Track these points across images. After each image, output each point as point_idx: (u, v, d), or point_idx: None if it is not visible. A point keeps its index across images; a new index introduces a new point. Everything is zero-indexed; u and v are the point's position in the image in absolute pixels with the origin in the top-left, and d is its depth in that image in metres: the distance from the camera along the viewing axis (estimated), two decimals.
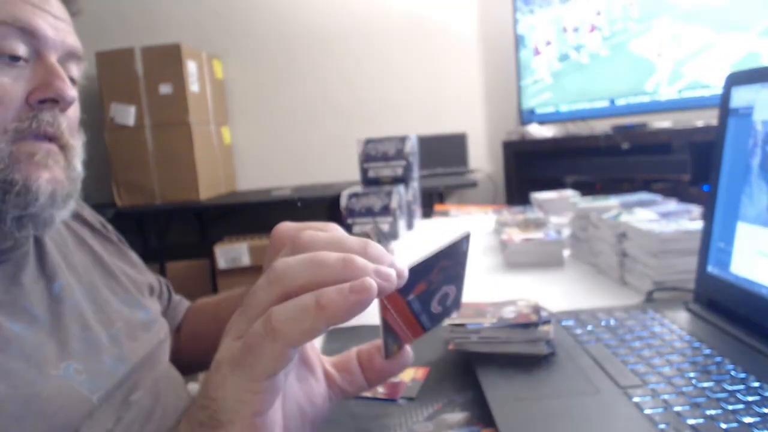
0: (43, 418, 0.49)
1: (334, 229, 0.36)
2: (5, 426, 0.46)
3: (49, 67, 0.53)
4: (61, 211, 0.55)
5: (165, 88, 2.63)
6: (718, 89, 2.33)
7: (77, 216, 0.70)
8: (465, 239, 0.37)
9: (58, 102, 0.53)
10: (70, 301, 0.59)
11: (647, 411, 0.44)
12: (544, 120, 2.79)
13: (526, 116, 2.83)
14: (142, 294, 0.73)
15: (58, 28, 0.54)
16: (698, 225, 0.74)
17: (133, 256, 0.77)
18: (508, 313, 0.59)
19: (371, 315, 0.72)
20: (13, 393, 0.47)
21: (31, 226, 0.52)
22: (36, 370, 0.51)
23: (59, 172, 0.54)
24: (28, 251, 0.57)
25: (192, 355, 0.82)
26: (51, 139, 0.53)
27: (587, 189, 1.67)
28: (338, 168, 3.06)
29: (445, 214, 1.74)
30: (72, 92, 0.54)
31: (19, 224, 0.52)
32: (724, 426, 0.41)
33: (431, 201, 2.53)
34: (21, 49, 0.51)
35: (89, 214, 0.74)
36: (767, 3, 2.25)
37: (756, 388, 0.46)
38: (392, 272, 0.32)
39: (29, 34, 0.52)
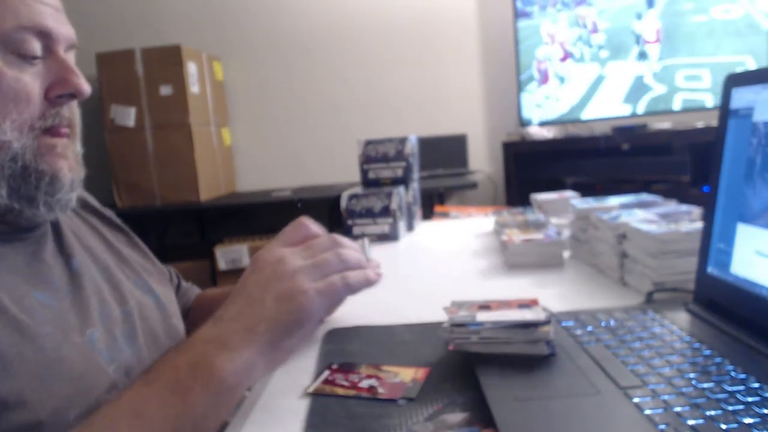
0: (68, 380, 0.51)
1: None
2: (32, 386, 0.49)
3: (61, 62, 0.57)
4: (75, 193, 0.61)
5: (165, 90, 2.63)
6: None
7: (86, 205, 0.73)
8: None
9: (75, 96, 0.58)
10: (88, 276, 0.62)
11: (647, 411, 0.44)
12: (544, 121, 2.79)
13: (526, 117, 2.84)
14: (153, 279, 0.75)
15: (61, 22, 0.58)
16: (698, 226, 0.74)
17: (142, 244, 0.79)
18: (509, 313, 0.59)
19: (369, 317, 0.71)
20: (39, 356, 0.50)
21: (57, 209, 0.58)
22: (61, 335, 0.54)
23: (73, 161, 0.59)
24: (46, 232, 0.61)
25: None
26: (66, 128, 0.58)
27: (587, 190, 1.67)
28: (338, 169, 3.06)
29: (445, 215, 1.74)
30: (87, 86, 0.58)
31: (48, 208, 0.57)
32: (724, 427, 0.41)
33: (431, 202, 2.53)
34: (37, 49, 0.55)
35: (98, 205, 0.77)
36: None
37: (756, 388, 0.46)
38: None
39: (44, 34, 0.55)
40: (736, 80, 0.64)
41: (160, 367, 0.46)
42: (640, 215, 0.87)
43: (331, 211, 2.76)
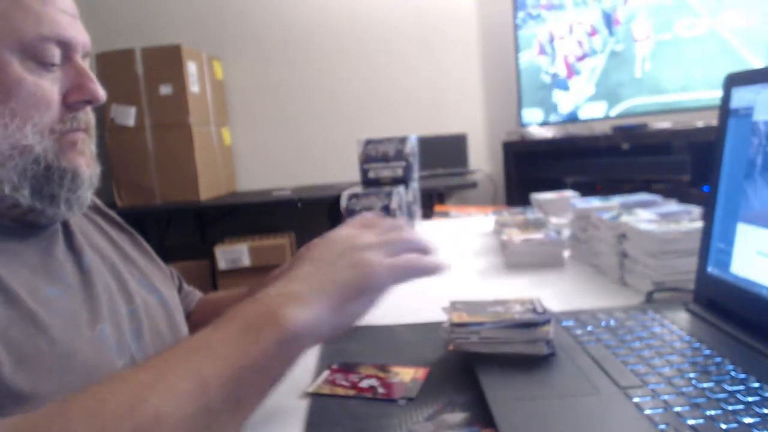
0: (80, 373, 0.53)
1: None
2: (47, 378, 0.50)
3: (78, 69, 0.59)
4: (91, 190, 0.62)
5: (165, 89, 2.63)
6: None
7: (92, 205, 0.74)
8: None
9: (91, 102, 0.60)
10: (98, 273, 0.63)
11: (647, 411, 0.44)
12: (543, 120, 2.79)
13: (526, 117, 2.84)
14: (158, 279, 0.75)
15: (78, 30, 0.59)
16: (698, 225, 0.74)
17: (146, 245, 0.79)
18: (509, 313, 0.59)
19: (369, 317, 0.71)
20: (53, 349, 0.52)
21: (76, 207, 0.60)
22: (73, 330, 0.55)
23: (89, 157, 0.61)
24: (57, 230, 0.62)
25: None
26: (83, 131, 0.60)
27: (587, 189, 1.67)
28: (338, 169, 3.06)
29: (445, 215, 1.74)
30: (103, 93, 0.60)
31: (68, 205, 0.59)
32: (724, 426, 0.41)
33: (431, 202, 2.53)
34: (56, 56, 0.57)
35: (102, 205, 0.77)
36: None
37: (756, 388, 0.46)
38: None
39: (63, 43, 0.57)
40: (736, 80, 0.64)
41: (228, 316, 0.46)
42: (640, 215, 0.87)
43: (331, 210, 2.76)
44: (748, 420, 0.41)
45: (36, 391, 0.49)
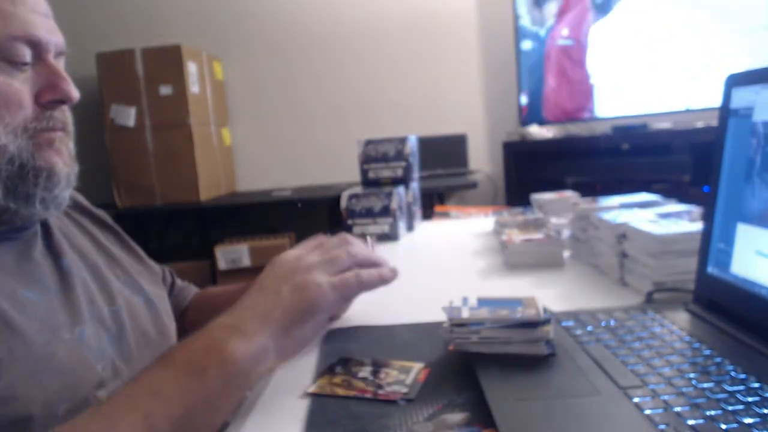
0: (57, 375, 0.53)
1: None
2: (23, 381, 0.50)
3: (51, 68, 0.58)
4: (69, 190, 0.61)
5: (165, 89, 2.63)
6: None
7: (76, 205, 0.74)
8: None
9: (64, 102, 0.59)
10: (77, 275, 0.63)
11: (647, 411, 0.44)
12: (544, 121, 2.79)
13: (527, 117, 2.83)
14: (144, 278, 0.75)
15: (50, 30, 0.59)
16: (698, 226, 0.74)
17: (133, 244, 0.79)
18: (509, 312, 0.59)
19: (369, 317, 0.71)
20: (29, 352, 0.51)
21: (53, 207, 0.59)
22: (50, 333, 0.55)
23: (67, 156, 0.61)
24: (36, 232, 0.62)
25: None
26: (60, 129, 0.60)
27: (587, 190, 1.66)
28: (338, 169, 3.06)
29: (445, 215, 1.73)
30: (76, 92, 0.59)
31: (43, 205, 0.58)
32: (724, 426, 0.41)
33: (431, 202, 2.53)
34: (27, 56, 0.56)
35: (89, 204, 0.77)
36: None
37: (756, 388, 0.46)
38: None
39: (34, 43, 0.57)
40: (736, 80, 0.64)
41: (176, 351, 0.48)
42: (640, 215, 0.87)
43: (331, 211, 2.76)
44: (748, 420, 0.41)
45: (12, 393, 0.49)
